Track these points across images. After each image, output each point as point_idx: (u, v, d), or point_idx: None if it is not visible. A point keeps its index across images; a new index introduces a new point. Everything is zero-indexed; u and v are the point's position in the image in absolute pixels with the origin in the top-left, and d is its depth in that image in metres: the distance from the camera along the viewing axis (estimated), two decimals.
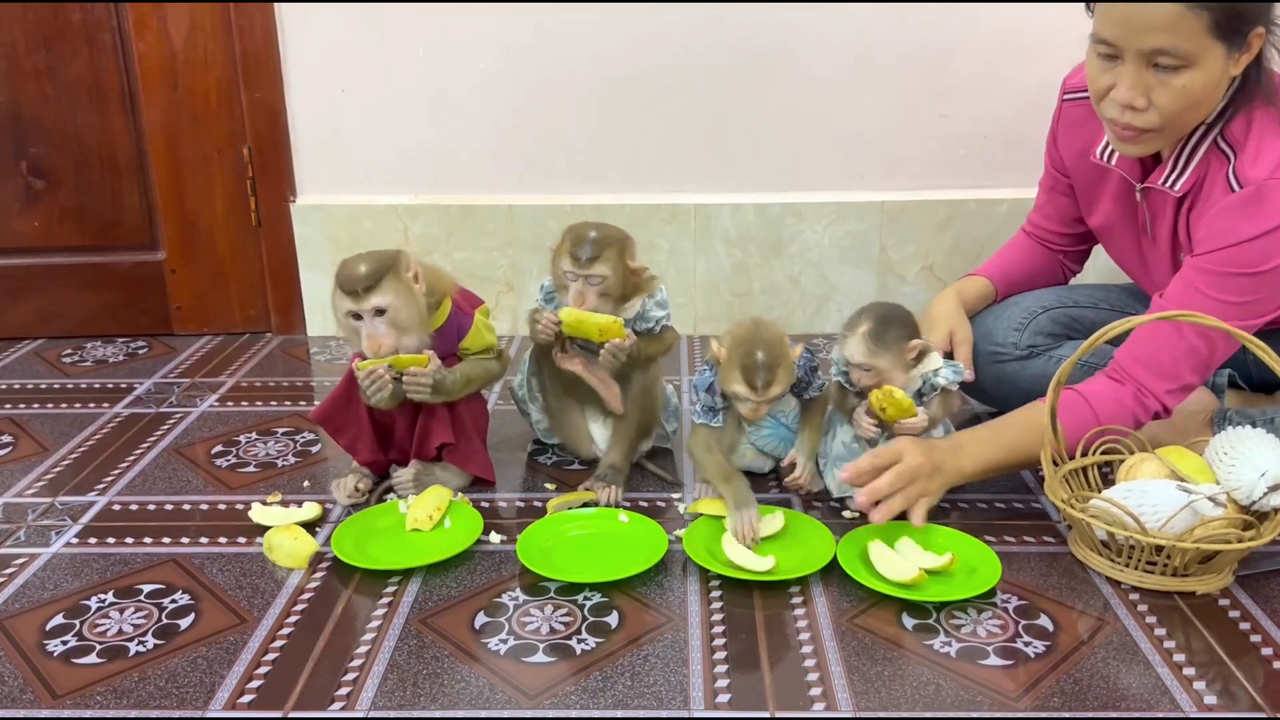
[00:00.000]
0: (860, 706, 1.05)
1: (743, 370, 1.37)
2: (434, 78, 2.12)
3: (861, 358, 1.38)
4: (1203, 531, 1.21)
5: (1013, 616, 1.20)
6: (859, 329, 1.38)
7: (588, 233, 1.45)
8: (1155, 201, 1.49)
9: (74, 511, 1.48)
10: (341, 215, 2.18)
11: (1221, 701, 1.05)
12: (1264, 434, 1.27)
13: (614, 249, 1.44)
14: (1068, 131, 1.62)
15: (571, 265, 1.44)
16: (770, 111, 2.13)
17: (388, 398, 1.41)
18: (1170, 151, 1.43)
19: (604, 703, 1.06)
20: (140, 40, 2.08)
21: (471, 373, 1.48)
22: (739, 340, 1.39)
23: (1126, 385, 1.40)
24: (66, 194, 2.18)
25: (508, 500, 1.50)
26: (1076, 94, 1.58)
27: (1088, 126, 1.55)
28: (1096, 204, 1.62)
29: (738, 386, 1.38)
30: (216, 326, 2.29)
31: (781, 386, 1.39)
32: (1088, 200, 1.64)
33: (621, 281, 1.46)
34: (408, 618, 1.21)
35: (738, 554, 1.28)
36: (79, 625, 1.20)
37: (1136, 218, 1.54)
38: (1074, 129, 1.60)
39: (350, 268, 1.36)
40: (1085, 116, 1.54)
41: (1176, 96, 1.31)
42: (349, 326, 1.39)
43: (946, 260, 2.19)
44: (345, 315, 1.38)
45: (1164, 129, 1.36)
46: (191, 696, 1.07)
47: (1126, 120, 1.36)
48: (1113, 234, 1.62)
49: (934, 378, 1.42)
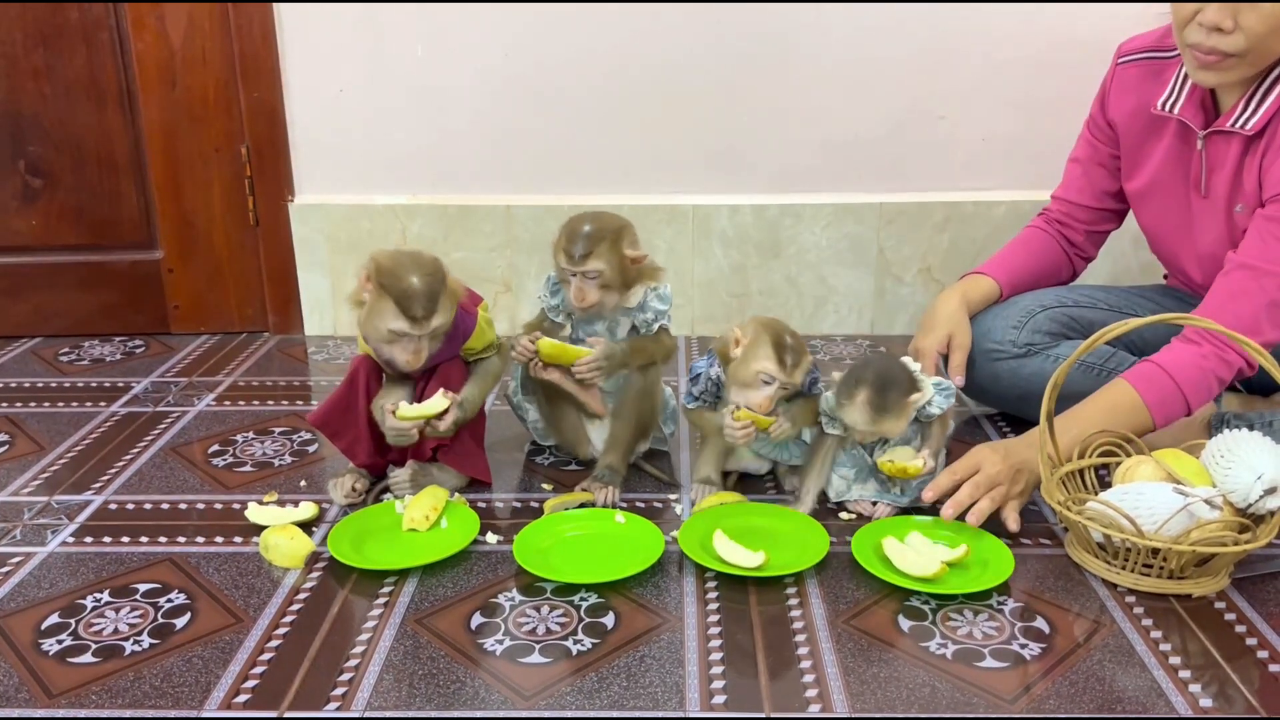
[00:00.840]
0: (856, 708, 1.05)
1: (775, 347, 1.37)
2: (432, 78, 2.11)
3: (867, 425, 1.37)
4: (1199, 534, 1.21)
5: (1009, 618, 1.20)
6: (858, 397, 1.36)
7: (581, 227, 1.43)
8: (1216, 151, 1.48)
9: (70, 510, 1.48)
10: (339, 215, 2.18)
11: (1217, 704, 1.05)
12: (1260, 437, 1.27)
13: (607, 242, 1.43)
14: (1120, 93, 1.63)
15: (566, 263, 1.43)
16: (768, 113, 2.13)
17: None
18: (1242, 92, 1.43)
19: (600, 703, 1.06)
20: (138, 39, 2.08)
21: (482, 389, 1.50)
22: (766, 325, 1.40)
23: (1204, 345, 1.39)
24: (64, 193, 2.18)
25: (504, 501, 1.50)
26: (1133, 55, 1.61)
27: (1143, 87, 1.58)
28: (1143, 164, 1.61)
29: (766, 363, 1.37)
30: (214, 326, 2.29)
31: (803, 373, 1.40)
32: (1132, 161, 1.63)
33: (620, 272, 1.45)
34: (404, 618, 1.20)
35: (729, 551, 1.28)
36: (74, 624, 1.20)
37: (1189, 173, 1.54)
38: (1127, 90, 1.61)
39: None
40: (1140, 77, 1.58)
41: (1265, 18, 1.32)
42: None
43: (944, 262, 2.19)
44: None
45: (1247, 54, 1.36)
46: (187, 696, 1.07)
47: (1211, 44, 1.35)
48: (1157, 194, 1.60)
49: (928, 409, 1.41)
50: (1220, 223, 1.50)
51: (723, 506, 1.42)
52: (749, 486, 1.53)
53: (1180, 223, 1.59)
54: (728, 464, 1.53)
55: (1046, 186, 2.08)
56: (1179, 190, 1.57)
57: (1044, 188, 2.15)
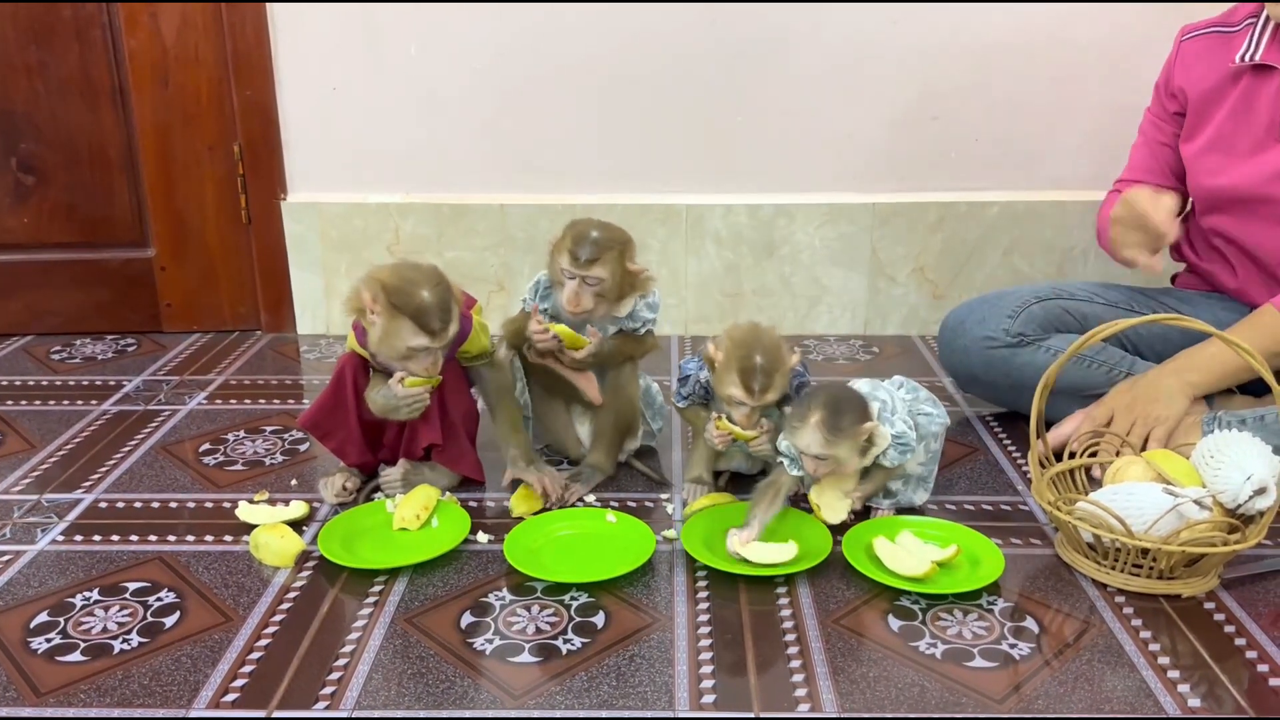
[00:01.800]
0: (845, 707, 1.05)
1: (740, 374, 1.34)
2: (425, 76, 2.11)
3: (819, 449, 1.30)
4: (1188, 534, 1.21)
5: (999, 618, 1.20)
6: (810, 419, 1.29)
7: (589, 232, 1.42)
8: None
9: (60, 509, 1.47)
10: (332, 213, 2.18)
11: (1206, 705, 1.05)
12: (1250, 438, 1.27)
13: (614, 251, 1.42)
14: (1185, 66, 1.69)
15: (570, 264, 1.41)
16: (762, 113, 2.13)
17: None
18: None
19: (589, 703, 1.06)
20: (131, 37, 2.07)
21: (504, 398, 1.53)
22: (738, 343, 1.36)
23: None
24: (57, 191, 2.17)
25: (495, 500, 1.50)
26: (1196, 31, 1.69)
27: (1206, 56, 1.66)
28: (1207, 123, 1.66)
29: (734, 390, 1.35)
30: (206, 324, 2.28)
31: (777, 393, 1.36)
32: (1195, 124, 1.68)
33: (619, 285, 1.45)
34: (394, 617, 1.20)
35: (759, 553, 1.28)
36: (63, 623, 1.20)
37: (1268, 118, 1.59)
38: (1191, 61, 1.69)
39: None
40: (1204, 48, 1.67)
41: None
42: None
43: (937, 262, 2.19)
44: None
45: None
46: (175, 695, 1.07)
47: None
48: (1224, 148, 1.64)
49: (881, 458, 1.37)
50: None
51: (721, 508, 1.42)
52: (740, 486, 1.53)
53: (1251, 170, 1.62)
54: (719, 464, 1.53)
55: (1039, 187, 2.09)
56: (1247, 141, 1.62)
57: (1036, 188, 2.17)
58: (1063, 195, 2.14)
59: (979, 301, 1.75)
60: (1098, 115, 2.09)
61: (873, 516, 1.42)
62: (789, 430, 1.33)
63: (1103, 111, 2.08)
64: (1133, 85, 1.89)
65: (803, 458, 1.33)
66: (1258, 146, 1.60)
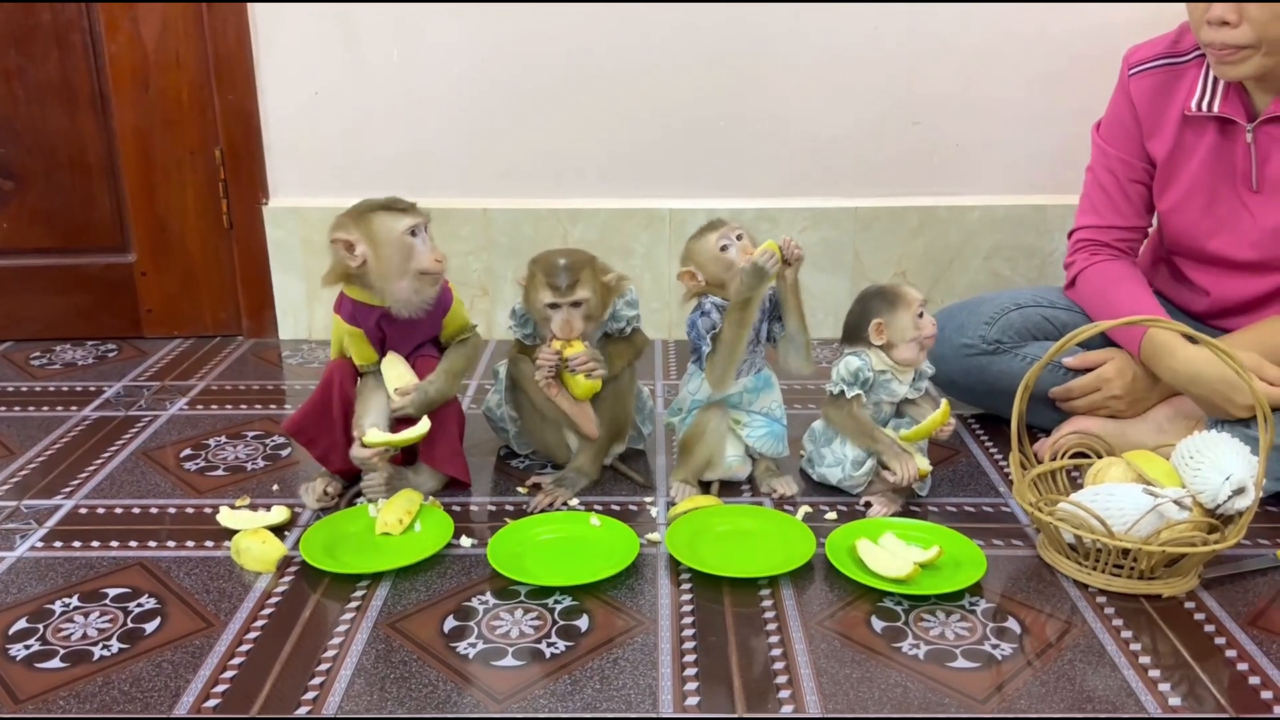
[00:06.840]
0: (828, 708, 1.05)
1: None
2: (408, 81, 2.11)
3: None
4: (1168, 535, 1.22)
5: (981, 619, 1.20)
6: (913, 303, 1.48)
7: (557, 260, 1.42)
8: (1266, 141, 1.48)
9: (40, 515, 1.46)
10: (314, 218, 2.17)
11: (1186, 703, 1.06)
12: (1229, 438, 1.28)
13: (588, 269, 1.43)
14: (1144, 102, 1.59)
15: (553, 295, 1.41)
16: (745, 118, 2.14)
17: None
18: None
19: (573, 706, 1.05)
20: (112, 41, 2.06)
21: (454, 365, 1.48)
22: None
23: None
24: (36, 196, 2.16)
25: (479, 504, 1.50)
26: (1141, 66, 1.59)
27: (1163, 92, 1.57)
28: (1180, 172, 1.57)
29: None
30: (187, 329, 2.27)
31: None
32: (1167, 174, 1.60)
33: (601, 298, 1.45)
34: (376, 622, 1.20)
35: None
36: (43, 629, 1.19)
37: (1236, 169, 1.52)
38: (1150, 98, 1.59)
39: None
40: (1157, 84, 1.57)
41: (1266, 8, 1.34)
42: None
43: (919, 266, 2.20)
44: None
45: (1259, 44, 1.37)
46: (156, 701, 1.06)
47: (1222, 39, 1.38)
48: (1199, 196, 1.56)
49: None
50: (1278, 209, 1.50)
51: (706, 510, 1.42)
52: (727, 490, 1.53)
53: (1223, 221, 1.56)
54: (707, 474, 1.53)
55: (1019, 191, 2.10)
56: (1224, 190, 1.54)
57: (1016, 192, 2.18)
58: (1044, 200, 2.15)
59: (959, 307, 1.75)
60: (1079, 120, 2.10)
61: (870, 515, 1.43)
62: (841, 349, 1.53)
63: (1083, 116, 2.09)
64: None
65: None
66: (1251, 204, 1.53)
